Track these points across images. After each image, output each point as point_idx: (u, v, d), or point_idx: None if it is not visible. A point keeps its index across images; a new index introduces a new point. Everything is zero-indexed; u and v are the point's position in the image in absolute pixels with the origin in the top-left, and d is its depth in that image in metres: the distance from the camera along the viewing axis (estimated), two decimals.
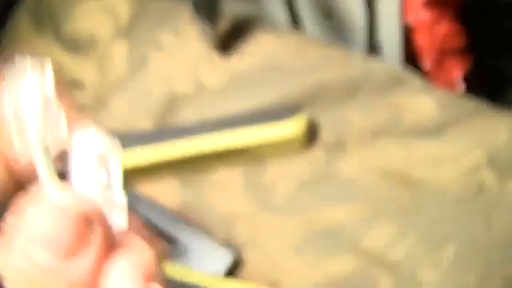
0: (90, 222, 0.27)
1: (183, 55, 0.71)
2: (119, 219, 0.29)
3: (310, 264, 0.57)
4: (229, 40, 0.70)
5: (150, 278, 0.28)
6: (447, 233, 0.56)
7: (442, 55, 0.69)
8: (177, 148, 0.63)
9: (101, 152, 0.30)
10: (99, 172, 0.29)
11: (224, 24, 0.69)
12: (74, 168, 0.29)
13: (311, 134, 0.64)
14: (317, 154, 0.63)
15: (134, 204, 0.61)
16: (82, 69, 0.72)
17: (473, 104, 0.63)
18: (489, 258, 0.54)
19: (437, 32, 0.67)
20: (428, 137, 0.62)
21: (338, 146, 0.63)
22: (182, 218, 0.61)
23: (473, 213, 0.57)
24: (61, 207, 0.26)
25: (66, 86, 0.72)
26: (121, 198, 0.30)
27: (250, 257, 0.58)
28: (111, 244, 0.28)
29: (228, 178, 0.63)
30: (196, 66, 0.70)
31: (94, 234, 0.27)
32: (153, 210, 0.61)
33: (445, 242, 0.56)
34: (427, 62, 0.69)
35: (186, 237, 0.59)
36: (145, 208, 0.61)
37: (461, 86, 0.70)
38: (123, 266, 0.28)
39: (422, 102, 0.64)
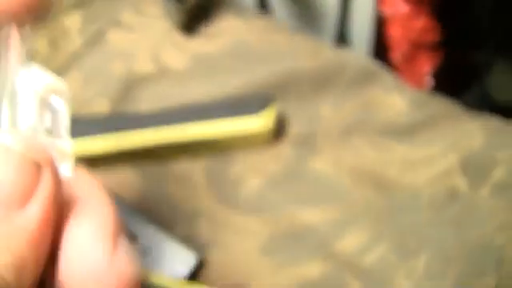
0: (39, 167, 0.24)
1: (144, 34, 0.67)
2: (65, 168, 0.27)
3: (278, 266, 0.54)
4: (194, 22, 0.66)
5: (116, 234, 0.26)
6: (420, 240, 0.55)
7: (414, 49, 0.67)
8: (137, 137, 0.59)
9: (44, 93, 0.27)
10: (43, 115, 0.27)
11: (189, 5, 0.65)
12: (19, 111, 0.26)
13: (280, 128, 0.61)
14: (286, 149, 0.60)
15: None
16: (34, 42, 0.67)
17: (446, 106, 0.62)
18: (462, 268, 0.53)
19: (413, 26, 0.65)
20: (400, 137, 0.60)
21: (309, 143, 0.60)
22: (141, 213, 0.57)
23: (445, 220, 0.56)
24: (5, 148, 0.24)
25: None
26: (67, 145, 0.28)
27: (214, 257, 0.55)
28: (66, 196, 0.26)
29: (190, 170, 0.60)
30: (158, 46, 0.66)
31: (43, 182, 0.25)
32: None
33: (418, 250, 0.54)
34: (397, 56, 0.67)
35: (145, 235, 0.55)
36: None
37: (429, 82, 0.68)
38: (87, 225, 0.26)
39: (395, 101, 0.62)
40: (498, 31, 0.73)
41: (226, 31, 0.66)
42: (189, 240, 0.56)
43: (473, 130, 0.60)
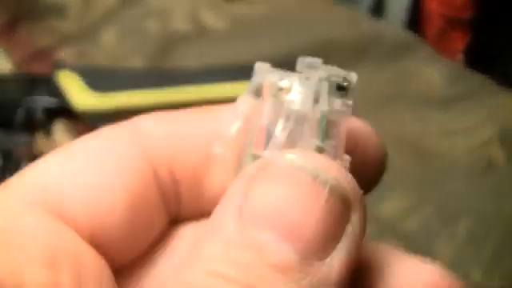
0: (348, 204, 0.19)
1: None
2: None
3: None
4: None
5: None
6: (459, 208, 0.55)
7: (449, 25, 0.67)
8: (179, 94, 0.58)
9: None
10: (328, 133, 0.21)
11: None
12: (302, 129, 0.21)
13: None
14: None
15: None
16: None
17: (482, 80, 0.62)
18: (501, 235, 0.54)
19: (450, 1, 0.65)
20: (438, 108, 0.61)
21: None
22: None
23: (483, 188, 0.56)
24: (307, 180, 0.18)
25: (44, 11, 0.66)
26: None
27: None
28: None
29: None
30: (196, 6, 0.66)
31: (352, 224, 0.19)
32: None
33: (457, 217, 0.55)
34: (432, 30, 0.68)
35: None
36: None
37: (460, 59, 0.69)
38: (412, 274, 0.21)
39: (432, 73, 0.62)
40: None
41: None
42: None
43: (510, 104, 0.60)
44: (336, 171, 0.19)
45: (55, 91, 0.58)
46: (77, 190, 0.22)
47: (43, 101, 0.58)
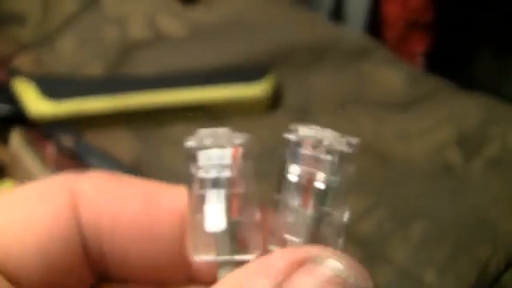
0: None
1: (140, 0, 0.66)
2: None
3: None
4: None
5: None
6: (416, 209, 0.55)
7: (409, 29, 0.67)
8: (134, 99, 0.58)
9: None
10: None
11: None
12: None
13: (276, 97, 0.61)
14: (282, 117, 0.60)
15: (85, 155, 0.57)
16: (25, 2, 0.66)
17: (441, 83, 0.62)
18: (457, 237, 0.53)
19: (409, 5, 0.66)
20: (396, 110, 0.61)
21: (304, 112, 0.60)
22: (136, 173, 0.57)
23: (440, 191, 0.56)
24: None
25: (3, 19, 0.66)
26: None
27: None
28: None
29: (186, 135, 0.59)
30: (154, 12, 0.66)
31: None
32: (105, 163, 0.57)
33: (414, 219, 0.54)
34: (392, 34, 0.68)
35: None
36: (96, 160, 0.57)
37: (421, 62, 0.69)
38: None
39: (390, 75, 0.62)
40: (483, 19, 0.74)
41: (224, 2, 0.66)
42: None
43: (468, 106, 0.60)
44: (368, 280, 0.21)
45: (11, 99, 0.58)
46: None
47: None
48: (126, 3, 0.66)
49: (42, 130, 0.58)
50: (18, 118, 0.58)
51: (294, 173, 0.22)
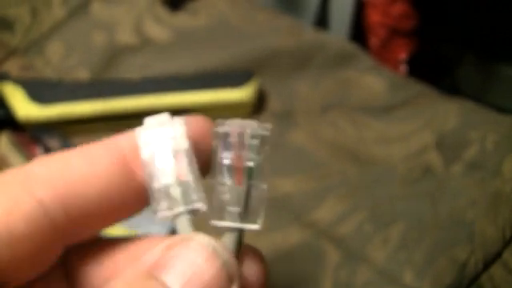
0: (231, 276, 0.26)
1: (127, 6, 0.67)
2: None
3: (256, 234, 0.55)
4: None
5: None
6: (395, 211, 0.56)
7: (391, 36, 0.68)
8: (120, 103, 0.59)
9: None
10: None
11: None
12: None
13: (260, 102, 0.62)
14: (266, 122, 0.61)
15: None
16: (14, 8, 0.67)
17: (422, 88, 0.64)
18: (435, 238, 0.54)
19: (391, 12, 0.67)
20: (377, 115, 0.62)
21: (288, 117, 0.61)
22: None
23: (419, 193, 0.57)
24: (216, 254, 0.25)
25: None
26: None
27: (194, 223, 0.56)
28: None
29: None
30: (140, 18, 0.67)
31: None
32: None
33: (393, 220, 0.56)
34: (374, 41, 0.69)
35: None
36: None
37: (404, 68, 0.70)
38: None
39: (372, 82, 0.64)
40: (466, 26, 0.75)
41: (209, 8, 0.67)
42: None
43: (448, 111, 0.61)
44: (230, 257, 0.26)
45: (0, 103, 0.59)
46: None
47: None
48: (114, 9, 0.67)
49: (29, 134, 0.59)
50: (6, 121, 0.59)
51: (226, 157, 0.27)
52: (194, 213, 0.28)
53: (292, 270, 0.54)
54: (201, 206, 0.28)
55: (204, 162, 0.29)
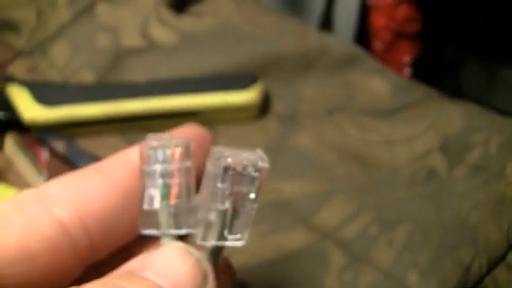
0: (205, 273, 0.28)
1: (132, 8, 0.68)
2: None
3: (261, 235, 0.56)
4: (183, 0, 0.67)
5: None
6: (400, 214, 0.56)
7: (396, 38, 0.69)
8: (125, 106, 0.60)
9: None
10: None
11: None
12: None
13: (265, 105, 0.62)
14: (271, 125, 0.62)
15: (77, 160, 0.58)
16: (19, 9, 0.68)
17: (427, 91, 0.64)
18: (440, 240, 0.55)
19: (395, 15, 0.67)
20: (382, 118, 0.62)
21: (292, 120, 0.62)
22: None
23: (424, 196, 0.58)
24: (189, 253, 0.28)
25: None
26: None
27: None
28: None
29: None
30: (146, 21, 0.67)
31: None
32: None
33: (397, 223, 0.56)
34: (379, 44, 0.69)
35: None
36: (88, 164, 0.58)
37: (408, 71, 0.70)
38: None
39: (377, 84, 0.64)
40: (470, 29, 0.75)
41: (214, 11, 0.68)
42: None
43: (452, 113, 0.62)
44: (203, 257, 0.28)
45: (5, 105, 0.59)
46: None
47: None
48: (119, 11, 0.68)
49: (35, 136, 0.59)
50: (12, 123, 0.59)
51: (222, 187, 0.28)
52: (179, 235, 0.30)
53: (296, 272, 0.54)
54: (186, 232, 0.29)
55: (196, 174, 0.31)
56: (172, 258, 0.27)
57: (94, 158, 0.58)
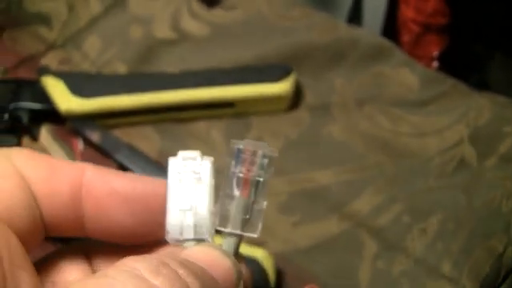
0: (239, 273, 0.30)
1: (164, 1, 0.69)
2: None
3: (295, 224, 0.56)
4: None
5: None
6: (432, 203, 0.57)
7: (424, 31, 0.69)
8: (160, 97, 0.60)
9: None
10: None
11: None
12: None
13: (297, 97, 0.63)
14: (303, 116, 0.62)
15: (112, 150, 0.59)
16: (50, 2, 0.69)
17: (456, 83, 0.64)
18: (472, 229, 0.55)
19: (424, 8, 0.68)
20: (412, 109, 0.63)
21: (324, 111, 0.62)
22: (162, 167, 0.58)
23: (455, 186, 0.58)
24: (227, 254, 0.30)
25: (30, 19, 0.68)
26: None
27: None
28: None
29: (209, 130, 0.61)
30: (177, 13, 0.68)
31: None
32: (131, 158, 0.59)
33: (430, 212, 0.57)
34: (407, 37, 0.70)
35: None
36: (123, 154, 0.59)
37: (435, 65, 0.71)
38: None
39: (405, 76, 0.65)
40: (498, 23, 0.76)
41: (245, 4, 0.69)
42: None
43: (481, 105, 0.62)
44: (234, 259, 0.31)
45: (41, 96, 0.60)
46: None
47: (29, 105, 0.60)
48: (150, 4, 0.68)
49: (70, 126, 0.60)
50: (48, 114, 0.60)
51: (238, 171, 0.31)
52: (199, 240, 0.32)
53: (331, 259, 0.55)
54: (207, 238, 0.31)
55: None
56: (215, 254, 0.29)
57: (129, 148, 0.59)
